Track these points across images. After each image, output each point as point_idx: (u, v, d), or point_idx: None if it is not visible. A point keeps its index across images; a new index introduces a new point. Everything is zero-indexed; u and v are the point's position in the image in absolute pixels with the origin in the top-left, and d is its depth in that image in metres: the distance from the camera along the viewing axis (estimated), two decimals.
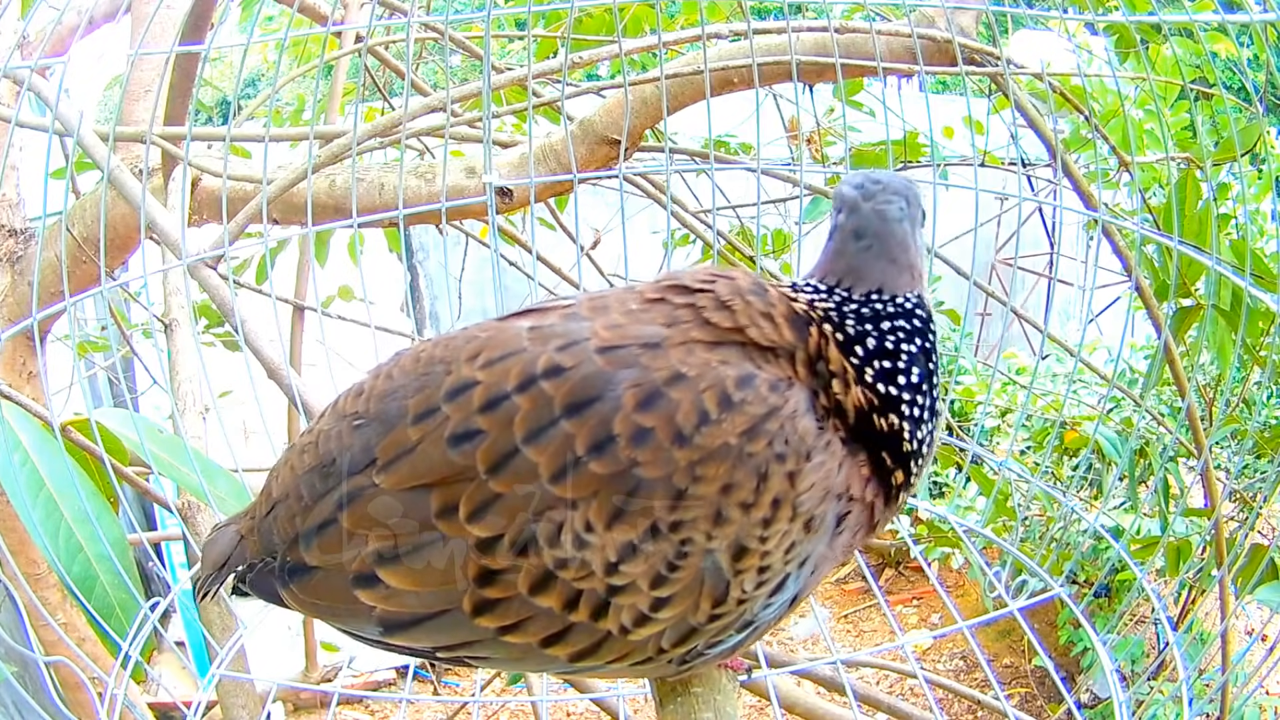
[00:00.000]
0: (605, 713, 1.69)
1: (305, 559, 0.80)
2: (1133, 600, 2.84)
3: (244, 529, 0.89)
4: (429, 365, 0.79)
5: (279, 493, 0.84)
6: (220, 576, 0.90)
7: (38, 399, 1.34)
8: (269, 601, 0.85)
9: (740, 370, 0.73)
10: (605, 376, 0.72)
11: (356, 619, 0.79)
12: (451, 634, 0.77)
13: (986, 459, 2.13)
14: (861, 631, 4.80)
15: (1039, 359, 2.67)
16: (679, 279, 0.80)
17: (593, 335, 0.75)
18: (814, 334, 0.77)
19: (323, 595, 0.80)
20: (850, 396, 0.76)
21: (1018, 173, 1.91)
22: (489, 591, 0.74)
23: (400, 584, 0.76)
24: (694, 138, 2.47)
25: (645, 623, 0.74)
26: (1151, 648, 3.71)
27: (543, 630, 0.75)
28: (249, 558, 0.88)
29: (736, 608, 0.75)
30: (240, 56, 1.53)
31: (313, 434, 0.85)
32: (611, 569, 0.71)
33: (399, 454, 0.75)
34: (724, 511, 0.71)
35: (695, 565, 0.72)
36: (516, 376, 0.73)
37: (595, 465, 0.70)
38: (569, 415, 0.71)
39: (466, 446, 0.73)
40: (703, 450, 0.70)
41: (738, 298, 0.77)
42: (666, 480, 0.70)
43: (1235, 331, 1.54)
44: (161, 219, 1.37)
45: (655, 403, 0.71)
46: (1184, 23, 1.59)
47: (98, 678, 1.13)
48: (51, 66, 1.51)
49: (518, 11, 2.70)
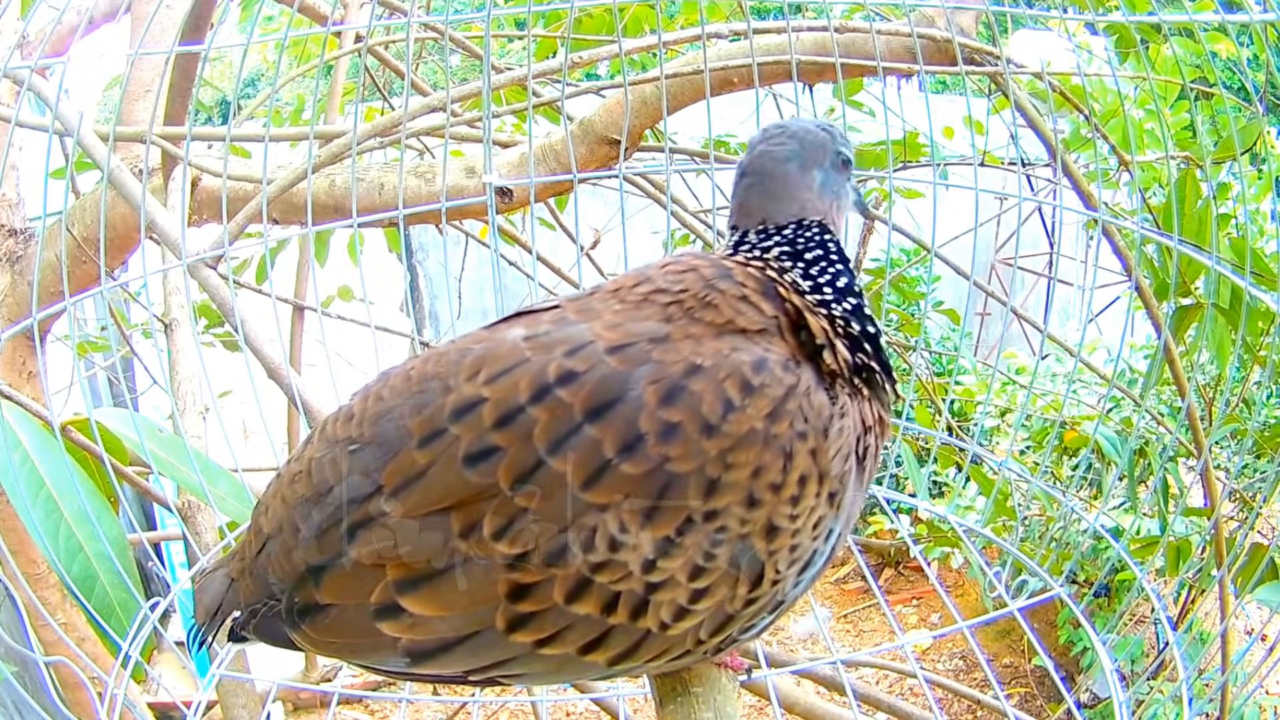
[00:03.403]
0: (605, 712, 1.69)
1: (317, 598, 0.77)
2: (1132, 600, 2.84)
3: (234, 572, 0.86)
4: (422, 382, 0.77)
5: (270, 528, 0.82)
6: (214, 624, 0.87)
7: (38, 399, 1.34)
8: (277, 646, 0.82)
9: (753, 355, 0.74)
10: (622, 376, 0.72)
11: (380, 652, 0.77)
12: (485, 655, 0.76)
13: (986, 459, 2.13)
14: (861, 631, 4.79)
15: (1039, 359, 2.67)
16: (651, 280, 0.81)
17: (596, 337, 0.74)
18: (784, 296, 0.80)
19: (341, 633, 0.77)
20: (839, 357, 0.78)
21: (1018, 172, 1.92)
22: (523, 606, 0.72)
23: (427, 610, 0.74)
24: (694, 138, 2.47)
25: (684, 616, 0.74)
26: (1151, 647, 3.71)
27: (582, 638, 0.74)
28: (244, 602, 0.84)
29: (770, 589, 0.75)
30: (240, 56, 1.53)
31: (302, 462, 0.82)
32: (649, 566, 0.71)
33: (408, 480, 0.74)
34: (755, 495, 0.71)
35: (730, 552, 0.72)
36: (528, 388, 0.72)
37: (627, 466, 0.70)
38: (592, 420, 0.71)
39: (484, 465, 0.71)
40: (732, 438, 0.71)
41: (713, 291, 0.78)
42: (699, 471, 0.70)
43: (1235, 331, 1.54)
44: (161, 219, 1.37)
45: (678, 396, 0.71)
46: (1184, 23, 1.59)
47: (98, 678, 1.13)
48: (51, 66, 1.51)
49: (518, 11, 2.70)
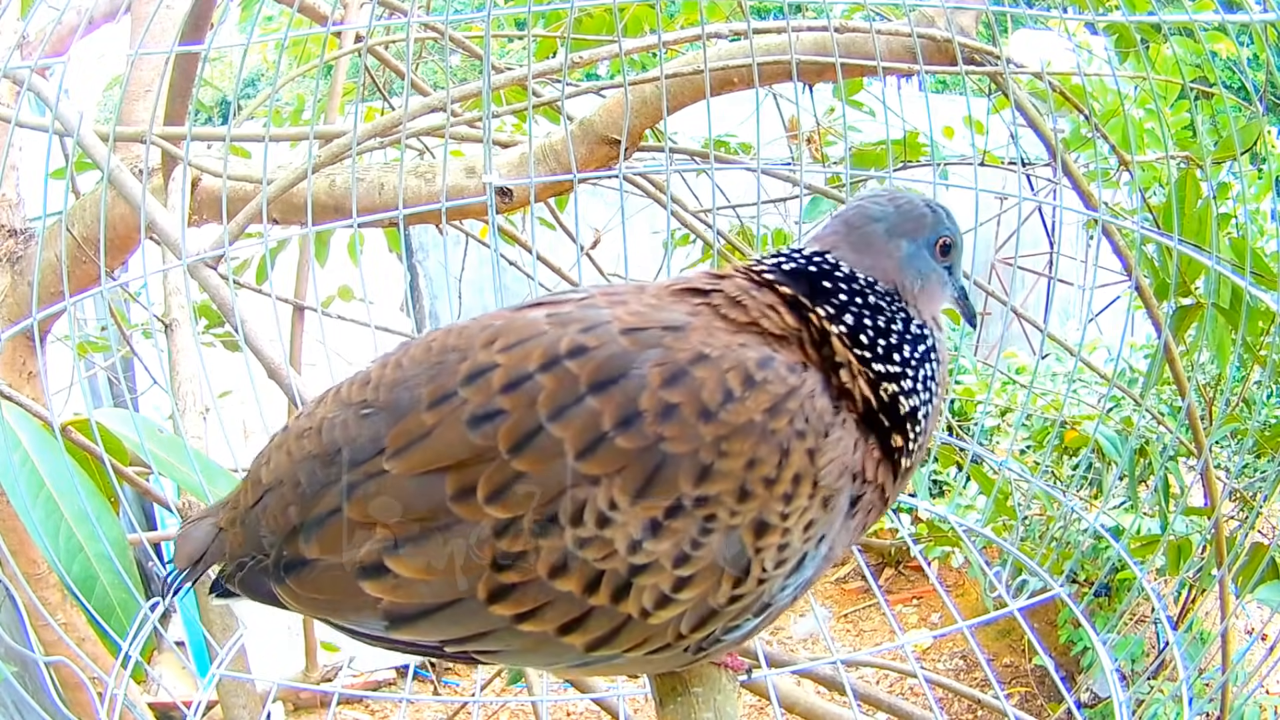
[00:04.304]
0: (605, 712, 1.69)
1: (304, 552, 0.77)
2: (1133, 600, 2.84)
3: (224, 521, 0.86)
4: (441, 354, 0.78)
5: (270, 479, 0.81)
6: (195, 573, 0.87)
7: (38, 399, 1.34)
8: (262, 602, 0.82)
9: (760, 353, 0.75)
10: (630, 355, 0.73)
11: (360, 613, 0.77)
12: (463, 625, 0.76)
13: (986, 458, 2.13)
14: (861, 631, 4.79)
15: (1039, 358, 2.67)
16: (689, 282, 0.82)
17: (615, 319, 0.76)
18: (814, 319, 0.80)
19: (324, 589, 0.77)
20: (857, 383, 0.78)
21: (1018, 172, 1.92)
22: (506, 576, 0.72)
23: (410, 573, 0.74)
24: (694, 137, 2.46)
25: (666, 604, 0.73)
26: (1151, 647, 3.71)
27: (561, 616, 0.74)
28: (231, 553, 0.84)
29: (756, 588, 0.75)
30: (240, 56, 1.53)
31: (313, 419, 0.82)
32: (635, 547, 0.71)
33: (412, 440, 0.74)
34: (748, 487, 0.71)
35: (718, 542, 0.72)
36: (539, 358, 0.73)
37: (622, 440, 0.70)
38: (595, 392, 0.72)
39: (487, 427, 0.72)
40: (729, 426, 0.71)
41: (745, 295, 0.80)
42: (693, 455, 0.71)
43: (1235, 330, 1.54)
44: (161, 219, 1.37)
45: (681, 380, 0.72)
46: (1184, 22, 1.59)
47: (98, 678, 1.13)
48: (51, 66, 1.51)
49: (518, 11, 2.70)
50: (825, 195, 2.02)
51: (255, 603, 0.83)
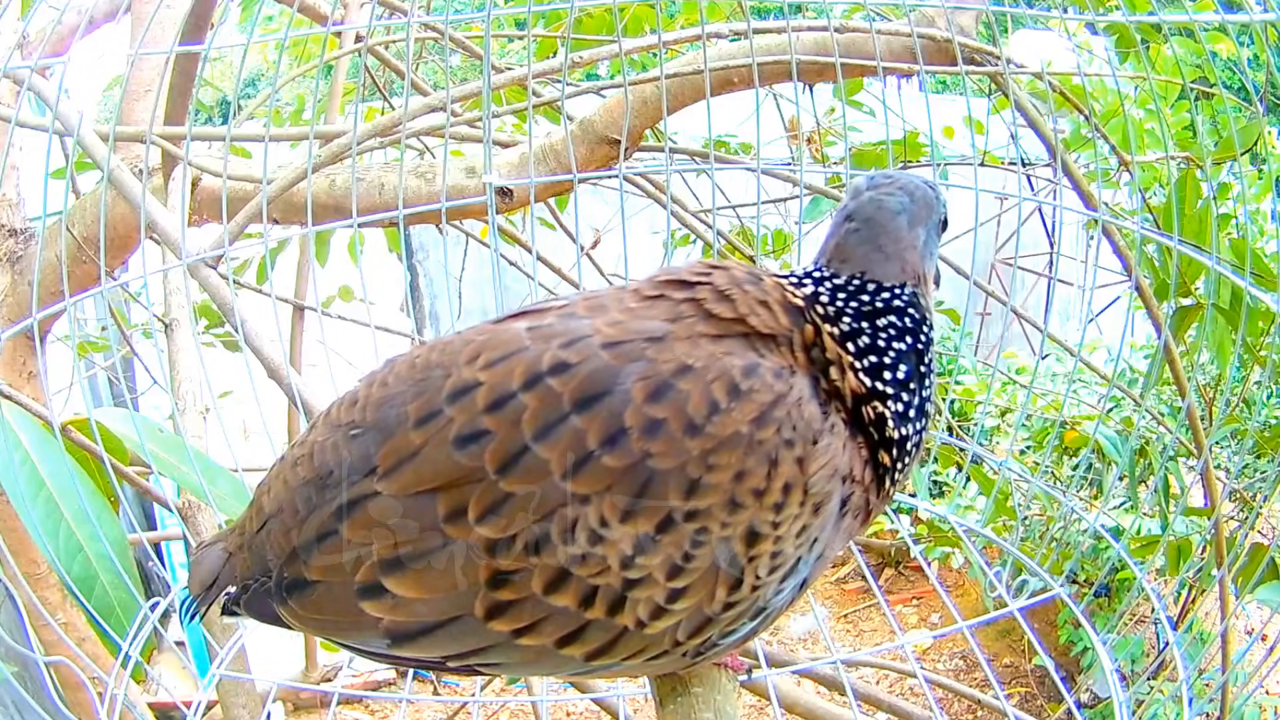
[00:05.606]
0: (605, 712, 1.69)
1: (304, 573, 0.78)
2: (1133, 600, 2.84)
3: (232, 546, 0.87)
4: (426, 370, 0.78)
5: (271, 507, 0.82)
6: (208, 597, 0.88)
7: (38, 399, 1.34)
8: (266, 623, 0.83)
9: (745, 360, 0.74)
10: (613, 371, 0.72)
11: (361, 632, 0.78)
12: (463, 641, 0.76)
13: (986, 459, 2.13)
14: (861, 631, 4.79)
15: (1039, 359, 2.67)
16: (675, 274, 0.81)
17: (595, 332, 0.75)
18: (809, 320, 0.79)
19: (325, 610, 0.78)
20: (847, 382, 0.78)
21: (1018, 172, 1.92)
22: (502, 594, 0.73)
23: (408, 592, 0.74)
24: (694, 137, 2.46)
25: (661, 615, 0.73)
26: (1151, 647, 3.71)
27: (558, 630, 0.74)
28: (239, 577, 0.85)
29: (750, 594, 0.75)
30: (240, 56, 1.53)
31: (306, 445, 0.83)
32: (627, 562, 0.71)
33: (401, 459, 0.74)
34: (737, 499, 0.71)
35: (710, 554, 0.72)
36: (521, 375, 0.73)
37: (608, 459, 0.70)
38: (579, 410, 0.71)
39: (473, 448, 0.72)
40: (715, 439, 0.71)
41: (735, 288, 0.78)
42: (680, 470, 0.70)
43: (1235, 331, 1.54)
44: (161, 219, 1.37)
45: (665, 394, 0.71)
46: (1184, 23, 1.59)
47: (98, 678, 1.13)
48: (51, 66, 1.51)
49: (518, 11, 2.70)
50: (825, 195, 2.02)
51: (260, 623, 0.84)
